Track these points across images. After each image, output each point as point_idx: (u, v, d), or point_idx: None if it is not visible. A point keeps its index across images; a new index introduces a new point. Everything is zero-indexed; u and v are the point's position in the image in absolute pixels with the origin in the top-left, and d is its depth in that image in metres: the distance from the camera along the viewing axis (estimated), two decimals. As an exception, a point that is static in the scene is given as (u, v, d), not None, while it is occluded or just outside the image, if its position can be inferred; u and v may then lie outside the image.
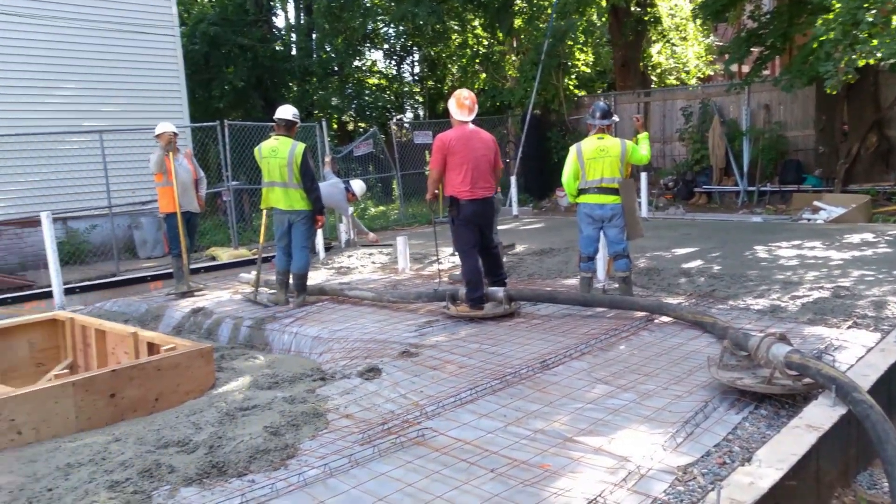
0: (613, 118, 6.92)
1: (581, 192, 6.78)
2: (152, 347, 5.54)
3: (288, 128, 7.28)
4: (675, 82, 21.74)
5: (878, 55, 10.12)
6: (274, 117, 7.39)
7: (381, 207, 17.82)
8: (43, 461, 3.83)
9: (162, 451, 3.80)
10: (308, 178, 7.13)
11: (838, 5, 10.60)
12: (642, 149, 6.77)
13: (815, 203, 12.86)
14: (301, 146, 7.14)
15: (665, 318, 6.14)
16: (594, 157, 6.64)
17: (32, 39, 12.07)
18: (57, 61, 12.35)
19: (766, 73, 19.23)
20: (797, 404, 4.12)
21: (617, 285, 6.96)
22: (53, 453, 3.92)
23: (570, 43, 18.80)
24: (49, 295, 8.59)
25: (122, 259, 11.83)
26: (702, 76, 23.13)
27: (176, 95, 14.06)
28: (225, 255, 11.39)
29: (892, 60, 10.04)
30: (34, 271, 11.17)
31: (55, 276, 7.56)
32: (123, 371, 4.73)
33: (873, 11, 10.20)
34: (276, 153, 7.12)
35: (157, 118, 10.76)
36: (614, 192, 6.64)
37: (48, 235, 7.41)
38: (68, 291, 8.97)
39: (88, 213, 12.17)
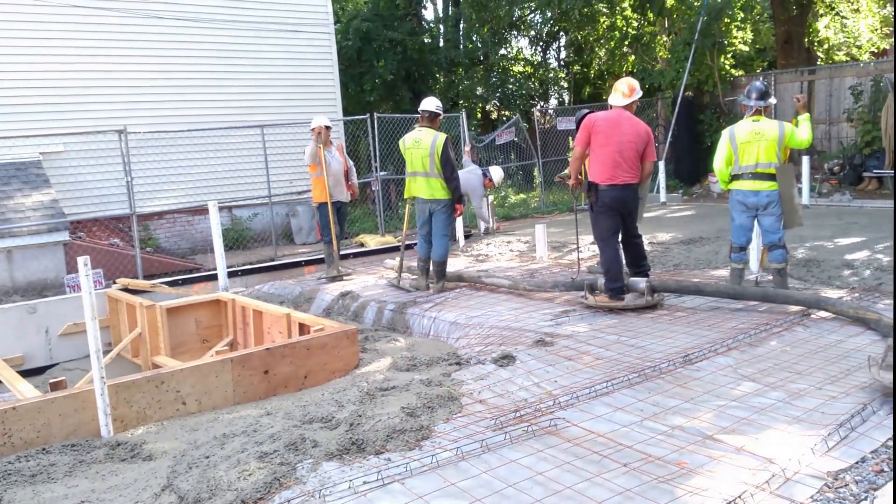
0: (770, 99, 6.44)
1: (734, 178, 6.43)
2: (303, 328, 5.91)
3: (431, 119, 7.45)
4: (845, 58, 19.95)
5: None
6: (419, 109, 7.60)
7: (522, 195, 17.79)
8: (203, 430, 4.20)
9: (307, 426, 4.06)
10: (449, 167, 7.28)
11: None
12: (803, 132, 6.26)
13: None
14: (442, 137, 7.29)
15: (823, 314, 5.72)
16: (748, 141, 6.26)
17: (201, 42, 13.13)
18: (223, 62, 13.37)
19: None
20: (969, 412, 3.72)
21: (771, 277, 6.54)
22: (213, 423, 4.29)
23: (726, 20, 17.72)
24: (214, 277, 9.31)
25: (280, 245, 12.63)
26: (876, 51, 21.02)
27: (330, 90, 14.78)
28: (372, 241, 11.85)
29: None
30: (202, 255, 12.20)
31: (220, 260, 8.22)
32: (277, 349, 5.08)
33: None
34: (419, 144, 7.31)
35: (313, 112, 11.39)
36: (770, 177, 6.22)
37: (214, 223, 8.07)
38: (231, 274, 9.68)
39: (251, 202, 13.16)
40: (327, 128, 8.81)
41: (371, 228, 13.65)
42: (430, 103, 7.49)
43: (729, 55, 18.32)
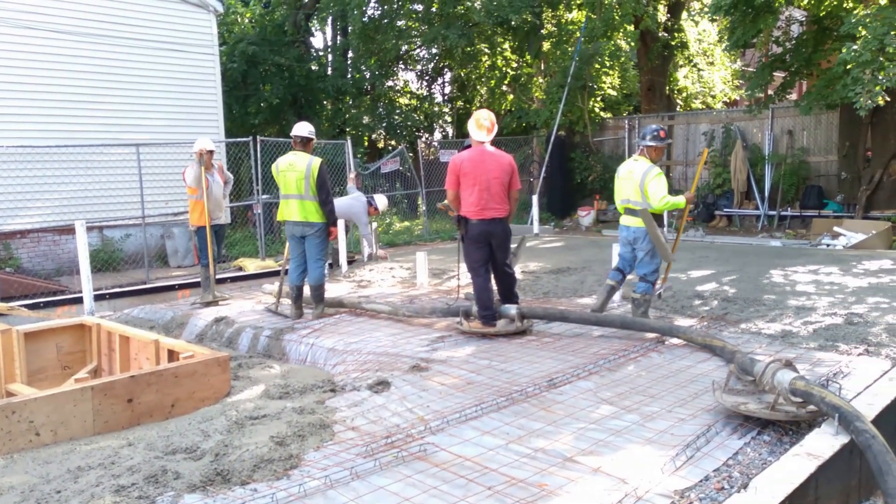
0: (650, 142, 6.59)
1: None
2: (172, 354, 5.71)
3: (304, 144, 7.48)
4: (700, 106, 21.73)
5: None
6: (291, 134, 7.61)
7: (406, 223, 18.01)
8: (57, 463, 3.98)
9: (170, 457, 3.94)
10: (324, 191, 7.33)
11: (864, 32, 10.59)
12: (655, 188, 6.38)
13: (836, 229, 12.74)
14: (318, 160, 7.35)
15: (676, 340, 6.17)
16: (622, 178, 6.71)
17: (77, 56, 12.55)
18: (100, 77, 12.81)
19: (791, 97, 19.13)
20: (801, 431, 4.13)
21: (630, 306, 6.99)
22: (68, 455, 4.07)
23: (596, 66, 18.94)
24: (80, 300, 8.85)
25: (154, 267, 12.13)
26: (728, 101, 23.07)
27: (213, 111, 14.46)
28: (252, 265, 11.62)
29: None
30: (69, 277, 11.51)
31: (86, 283, 7.84)
32: (142, 377, 4.89)
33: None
34: (294, 167, 7.34)
35: (194, 133, 11.11)
36: (636, 214, 6.62)
37: (81, 243, 7.69)
38: (99, 297, 9.24)
39: (123, 222, 12.57)
40: (210, 151, 8.65)
41: (251, 252, 13.37)
42: (303, 128, 7.52)
43: (598, 98, 19.60)
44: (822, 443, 3.82)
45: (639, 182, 6.50)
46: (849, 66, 10.80)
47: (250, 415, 4.51)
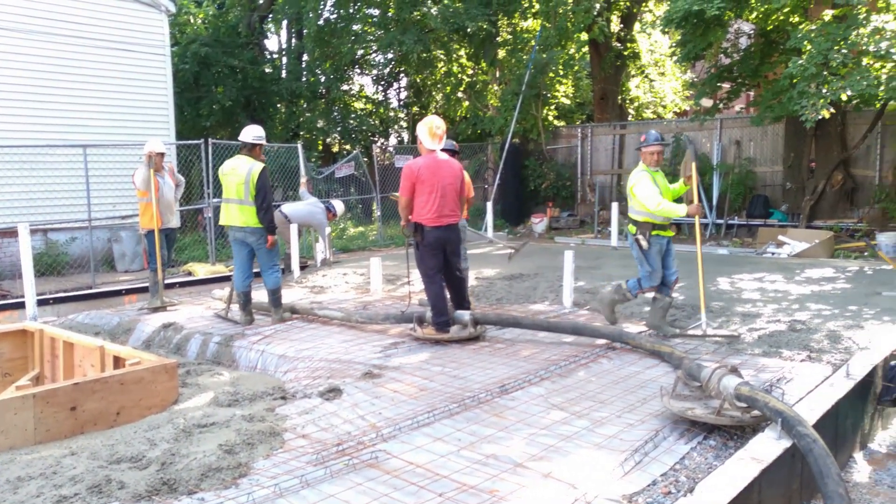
0: (646, 146, 6.64)
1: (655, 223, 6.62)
2: (118, 361, 5.57)
3: (249, 149, 7.40)
4: (652, 116, 22.18)
5: (849, 93, 10.50)
6: (238, 138, 7.52)
7: (361, 228, 17.93)
8: (-5, 473, 3.85)
9: (114, 466, 3.84)
10: (261, 196, 7.25)
11: (809, 47, 10.96)
12: (641, 193, 6.46)
13: (780, 237, 13.11)
14: (260, 166, 7.28)
15: (625, 346, 6.26)
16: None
17: (23, 53, 12.17)
18: (47, 75, 12.44)
19: (739, 107, 19.67)
20: (745, 436, 4.23)
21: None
22: (7, 465, 3.94)
23: (550, 75, 19.19)
24: (22, 305, 8.57)
25: (101, 272, 11.83)
26: (678, 111, 23.61)
27: (163, 113, 14.18)
28: (202, 270, 11.42)
29: (876, 94, 10.42)
30: (11, 281, 11.13)
31: (28, 287, 7.60)
32: (86, 384, 4.75)
33: (844, 52, 10.58)
34: (236, 171, 7.28)
35: (144, 134, 10.87)
36: (633, 222, 6.72)
37: (24, 246, 7.45)
38: (43, 302, 8.95)
39: (69, 225, 12.19)
40: (161, 154, 8.48)
41: (201, 257, 13.13)
42: (248, 134, 7.41)
43: (552, 107, 19.84)
44: (766, 447, 3.92)
45: (629, 187, 6.60)
46: (795, 80, 11.15)
47: (198, 423, 4.43)
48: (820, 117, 10.83)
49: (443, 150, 6.75)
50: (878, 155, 14.28)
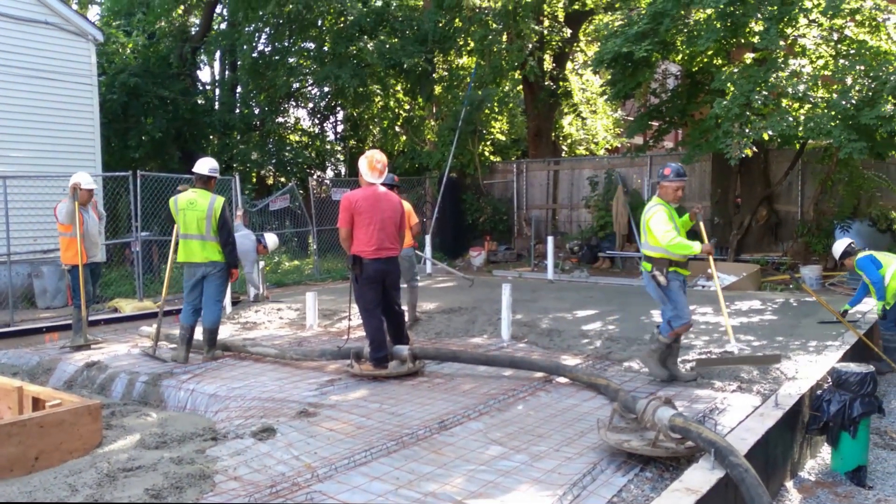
0: (665, 181, 6.34)
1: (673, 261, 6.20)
2: (38, 403, 5.31)
3: (205, 182, 7.26)
4: (584, 152, 22.77)
5: (770, 133, 11.02)
6: (192, 170, 7.36)
7: (296, 262, 17.66)
8: None
9: (32, 515, 3.62)
10: (225, 231, 7.14)
11: (733, 88, 11.48)
12: (657, 226, 6.14)
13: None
14: (220, 199, 7.15)
15: (563, 379, 6.30)
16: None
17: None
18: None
19: (667, 145, 20.39)
20: (680, 467, 4.28)
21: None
22: None
23: (486, 112, 19.53)
24: (-69, 345, 8.09)
25: (20, 308, 11.26)
26: (609, 147, 24.33)
27: (89, 144, 13.73)
28: (128, 306, 11.00)
29: (795, 133, 10.96)
30: (-81, 320, 10.47)
31: (-62, 326, 7.19)
32: (2, 427, 4.49)
33: (765, 93, 11.13)
34: (195, 206, 7.08)
35: (70, 166, 10.49)
36: (647, 259, 6.37)
37: (-68, 283, 7.07)
38: (-47, 342, 8.46)
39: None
40: (90, 190, 8.21)
41: (128, 292, 12.66)
42: (203, 166, 7.28)
43: (488, 142, 20.18)
44: (700, 477, 3.97)
45: (644, 220, 6.28)
46: (720, 120, 11.64)
47: (123, 466, 4.23)
48: (744, 155, 11.31)
49: (382, 183, 6.75)
50: (799, 191, 14.98)
